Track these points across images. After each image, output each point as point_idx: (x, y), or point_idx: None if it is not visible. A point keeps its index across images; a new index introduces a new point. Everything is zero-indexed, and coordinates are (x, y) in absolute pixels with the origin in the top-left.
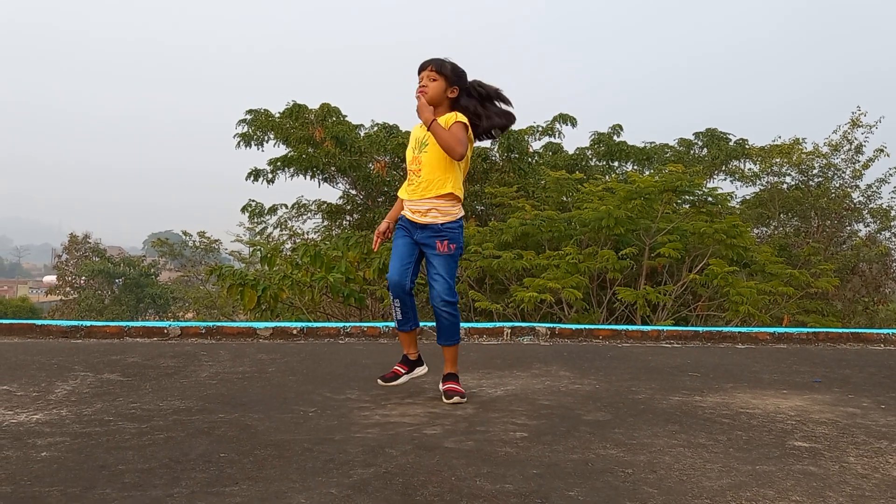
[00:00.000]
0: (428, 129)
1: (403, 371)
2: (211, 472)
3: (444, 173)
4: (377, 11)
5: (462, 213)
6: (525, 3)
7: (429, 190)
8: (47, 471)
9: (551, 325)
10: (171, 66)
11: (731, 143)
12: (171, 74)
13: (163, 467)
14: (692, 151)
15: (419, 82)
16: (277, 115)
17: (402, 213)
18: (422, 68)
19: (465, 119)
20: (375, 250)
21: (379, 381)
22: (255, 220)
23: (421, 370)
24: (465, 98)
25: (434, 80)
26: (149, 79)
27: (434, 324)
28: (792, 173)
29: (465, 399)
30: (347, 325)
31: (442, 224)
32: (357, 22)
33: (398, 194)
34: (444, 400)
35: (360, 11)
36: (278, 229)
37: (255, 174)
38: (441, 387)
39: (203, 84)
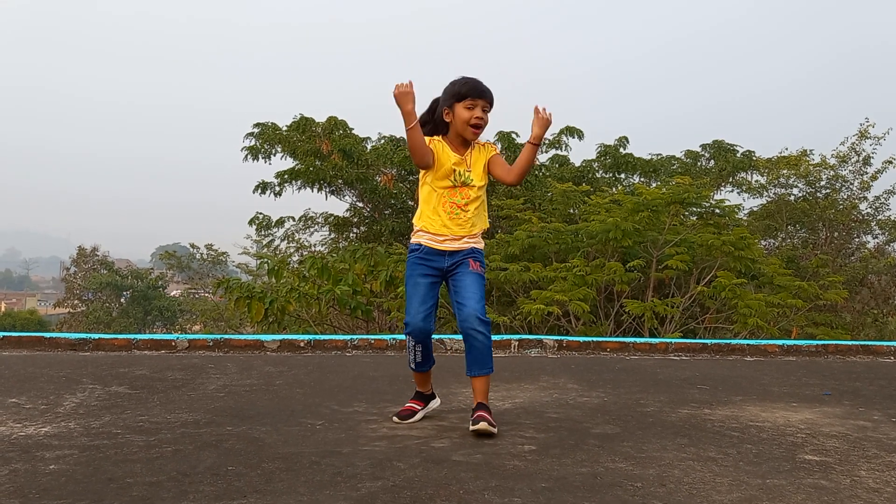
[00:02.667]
0: (536, 145)
1: (419, 407)
2: (219, 485)
3: (483, 208)
4: None
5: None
6: None
7: (474, 228)
8: (55, 484)
9: (559, 338)
10: (177, 46)
11: (738, 155)
12: (177, 55)
13: (171, 480)
14: (699, 163)
15: (471, 109)
16: (284, 128)
17: (428, 243)
18: (477, 94)
19: None
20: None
21: (395, 419)
22: (263, 233)
23: (435, 403)
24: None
25: (487, 112)
26: (154, 60)
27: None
28: (799, 185)
29: (496, 430)
30: (355, 337)
31: (475, 248)
32: None
33: (422, 225)
34: (471, 427)
35: None
36: (285, 242)
37: (263, 187)
38: (473, 415)
39: (197, 65)
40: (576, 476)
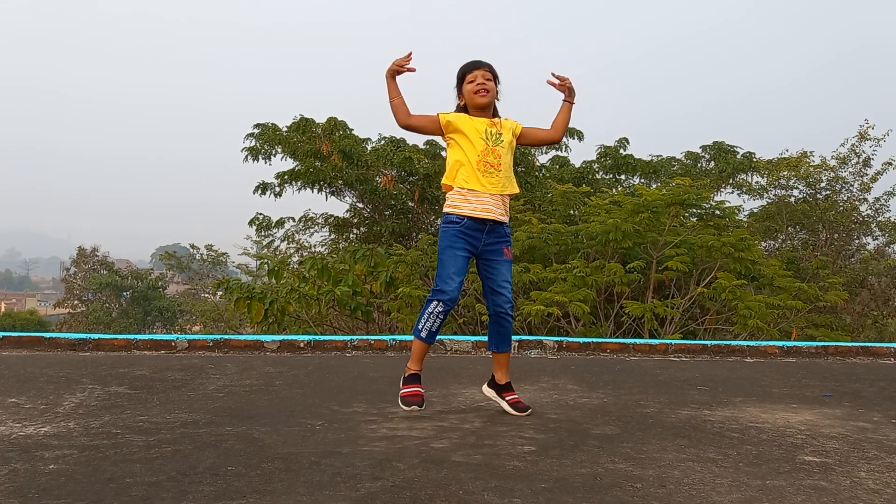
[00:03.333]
0: (572, 103)
1: (422, 389)
2: (218, 485)
3: (512, 171)
4: None
5: None
6: None
7: (507, 187)
8: (55, 484)
9: (559, 339)
10: (179, 46)
11: (738, 157)
12: (178, 55)
13: (170, 480)
14: (699, 164)
15: (473, 81)
16: (285, 128)
17: (467, 211)
18: (472, 68)
19: None
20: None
21: (413, 406)
22: (263, 234)
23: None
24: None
25: (489, 80)
26: (155, 61)
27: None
28: (799, 186)
29: (530, 411)
30: (354, 338)
31: (506, 226)
32: None
33: (458, 184)
34: (515, 412)
35: None
36: (285, 242)
37: (263, 188)
38: (506, 399)
39: (196, 64)
40: (575, 477)
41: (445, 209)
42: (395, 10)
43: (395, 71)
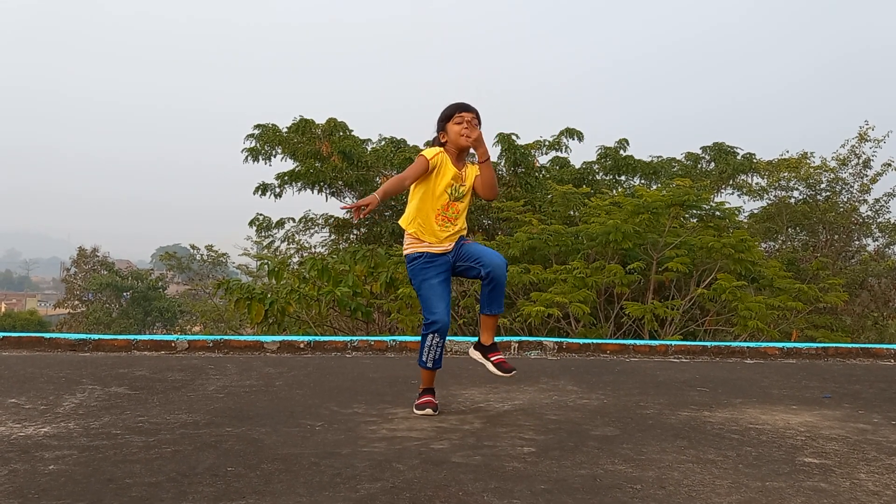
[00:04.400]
0: (482, 163)
1: (436, 401)
2: (218, 485)
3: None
4: None
5: None
6: None
7: (460, 233)
8: (54, 484)
9: (559, 340)
10: (178, 46)
11: (738, 158)
12: (178, 55)
13: (170, 481)
14: (699, 166)
15: (461, 123)
16: (285, 129)
17: (424, 248)
18: (462, 109)
19: None
20: (357, 219)
21: (428, 410)
22: (263, 234)
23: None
24: None
25: (476, 125)
26: (154, 62)
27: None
28: (799, 187)
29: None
30: (354, 338)
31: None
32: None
33: (414, 232)
34: (499, 373)
35: None
36: (286, 243)
37: (263, 188)
38: (491, 360)
39: (194, 65)
40: (575, 478)
41: (406, 250)
42: (396, 10)
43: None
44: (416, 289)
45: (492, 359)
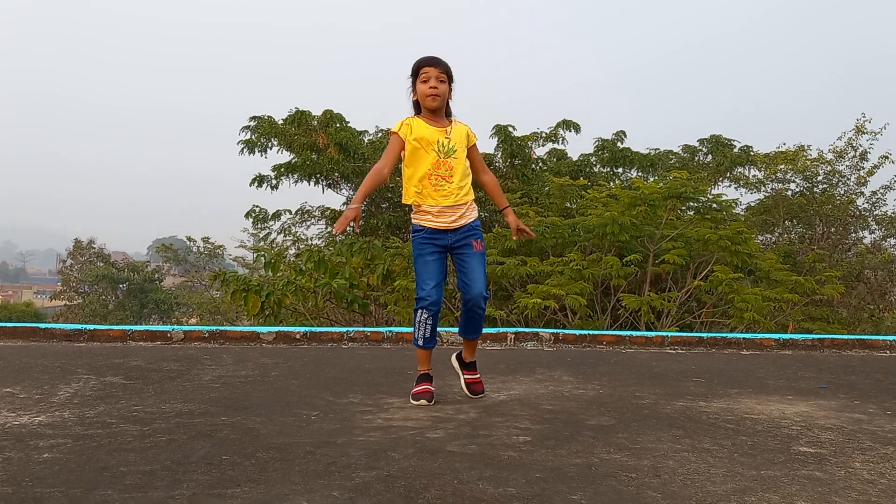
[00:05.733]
0: (504, 210)
1: (433, 389)
2: (213, 474)
3: (467, 179)
4: None
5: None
6: None
7: (462, 196)
8: (49, 472)
9: (555, 331)
10: (178, 52)
11: (735, 150)
12: (176, 62)
13: (164, 469)
14: (696, 158)
15: (426, 81)
16: (281, 121)
17: (426, 223)
18: (426, 64)
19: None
20: (336, 231)
21: (422, 401)
22: (259, 226)
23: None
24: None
25: (443, 81)
26: (153, 68)
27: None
28: (796, 180)
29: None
30: (351, 329)
31: (473, 222)
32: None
33: (413, 202)
34: (468, 393)
35: None
36: (282, 235)
37: (259, 180)
38: (464, 376)
39: (203, 70)
40: (570, 467)
41: (412, 221)
42: (419, 10)
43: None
44: (413, 262)
45: (465, 376)
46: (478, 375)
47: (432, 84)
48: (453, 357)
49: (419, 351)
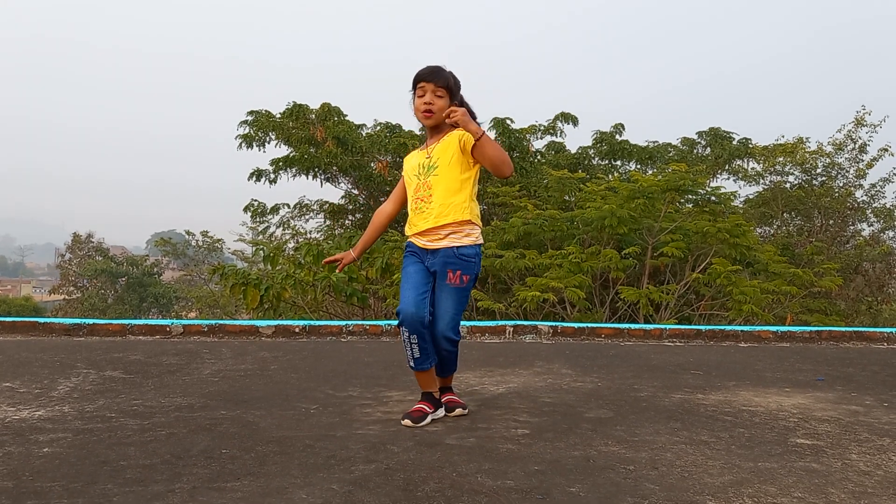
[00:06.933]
0: (477, 141)
1: (430, 409)
2: (212, 467)
3: (458, 195)
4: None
5: (481, 240)
6: (552, 15)
7: (443, 216)
8: (49, 466)
9: (554, 324)
10: (170, 78)
11: (734, 143)
12: (169, 87)
13: (164, 463)
14: (695, 151)
15: (422, 96)
16: (278, 115)
17: (413, 238)
18: (423, 79)
19: None
20: (324, 263)
21: (407, 421)
22: (258, 220)
23: (440, 412)
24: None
25: (440, 97)
26: (143, 93)
27: None
28: (795, 172)
29: (467, 411)
30: (350, 323)
31: (458, 249)
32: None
33: (405, 231)
34: (446, 413)
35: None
36: (281, 229)
37: (258, 174)
38: (441, 398)
39: (201, 99)
40: (569, 459)
41: None
42: (438, 47)
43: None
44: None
45: (444, 398)
46: (454, 396)
47: (427, 99)
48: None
49: (415, 374)
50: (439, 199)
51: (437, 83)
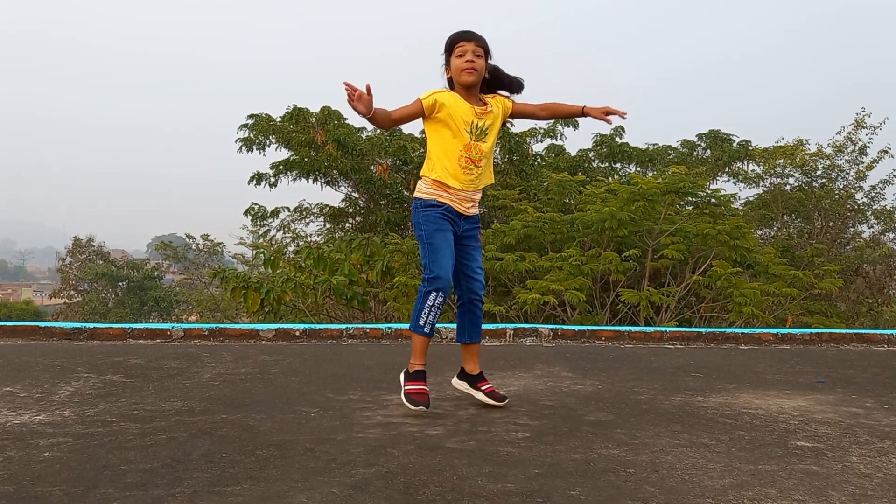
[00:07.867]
0: (582, 113)
1: (428, 389)
2: (213, 471)
3: (491, 163)
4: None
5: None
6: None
7: (483, 180)
8: (49, 471)
9: (554, 327)
10: (168, 76)
11: (734, 145)
12: (167, 84)
13: (165, 467)
14: (695, 153)
15: (462, 56)
16: (279, 119)
17: (446, 201)
18: (462, 39)
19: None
20: (355, 98)
21: (420, 407)
22: (258, 223)
23: (481, 396)
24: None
25: (480, 56)
26: (142, 87)
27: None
28: (795, 174)
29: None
30: (350, 326)
31: (479, 215)
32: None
33: (438, 177)
34: (492, 402)
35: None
36: (281, 232)
37: (258, 178)
38: (482, 388)
39: (200, 94)
40: (569, 462)
41: (422, 195)
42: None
43: (357, 106)
44: (426, 237)
45: (482, 388)
46: (491, 384)
47: (468, 58)
48: (454, 380)
49: (419, 339)
50: (486, 166)
51: (478, 42)
